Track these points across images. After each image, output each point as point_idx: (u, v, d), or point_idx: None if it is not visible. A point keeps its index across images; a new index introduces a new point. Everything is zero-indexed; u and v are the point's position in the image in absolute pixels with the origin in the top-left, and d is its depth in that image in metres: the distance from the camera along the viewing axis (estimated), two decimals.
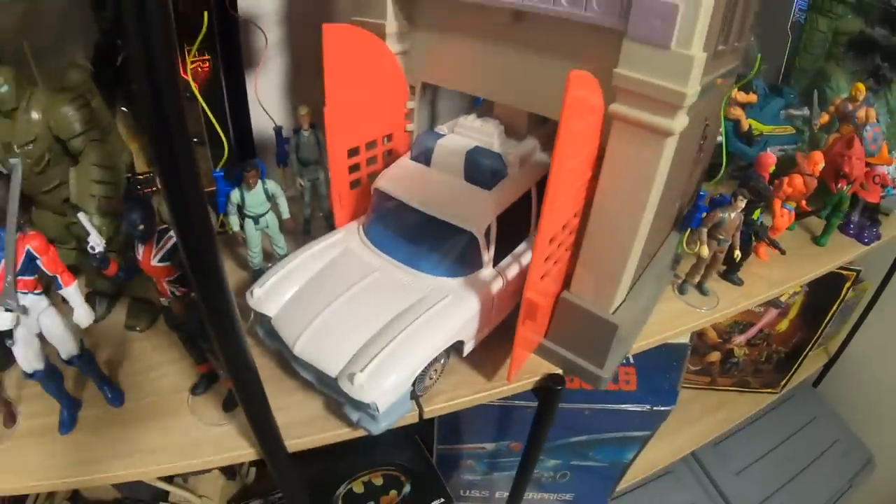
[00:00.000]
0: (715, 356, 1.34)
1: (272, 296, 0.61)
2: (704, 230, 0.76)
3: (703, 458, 1.41)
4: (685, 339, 1.03)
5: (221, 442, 0.56)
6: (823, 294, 1.24)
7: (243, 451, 0.55)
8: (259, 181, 0.69)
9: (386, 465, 0.96)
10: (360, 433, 0.56)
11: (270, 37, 0.82)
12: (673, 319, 0.78)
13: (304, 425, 0.57)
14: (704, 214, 0.76)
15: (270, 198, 0.72)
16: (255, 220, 0.72)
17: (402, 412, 0.56)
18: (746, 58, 1.22)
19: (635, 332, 0.71)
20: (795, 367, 1.38)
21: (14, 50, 0.67)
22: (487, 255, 0.60)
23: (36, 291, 0.50)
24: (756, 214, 0.86)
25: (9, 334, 0.50)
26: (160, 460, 0.54)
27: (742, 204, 0.75)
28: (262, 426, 0.51)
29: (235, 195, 0.70)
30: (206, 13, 0.60)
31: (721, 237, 0.77)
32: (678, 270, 0.85)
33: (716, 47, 0.55)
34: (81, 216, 0.56)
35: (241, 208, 0.71)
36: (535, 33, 0.55)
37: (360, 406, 0.53)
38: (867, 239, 1.06)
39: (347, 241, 0.66)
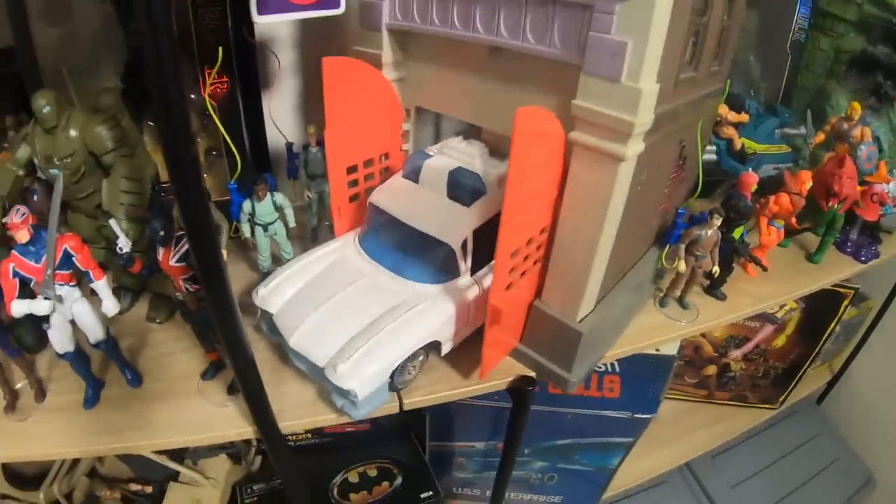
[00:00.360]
0: (711, 370, 1.34)
1: (274, 295, 0.67)
2: (682, 246, 0.79)
3: (698, 470, 1.41)
4: (673, 351, 1.06)
5: (225, 420, 0.63)
6: (821, 311, 1.24)
7: (243, 429, 0.62)
8: (268, 193, 0.76)
9: (381, 458, 1.01)
10: (344, 419, 0.63)
11: (284, 61, 0.89)
12: (652, 330, 0.82)
13: (297, 409, 0.64)
14: (682, 231, 0.80)
15: (278, 209, 0.78)
16: (265, 227, 0.78)
17: (380, 401, 0.61)
18: (746, 78, 1.26)
19: (607, 340, 0.75)
20: (794, 383, 1.38)
21: (53, 72, 0.76)
22: (465, 265, 0.66)
23: (70, 284, 0.58)
24: (738, 232, 0.89)
25: (46, 319, 0.57)
26: (171, 434, 0.61)
27: (718, 221, 0.78)
28: (259, 407, 0.58)
29: (247, 205, 0.76)
30: (220, 48, 0.68)
31: (698, 253, 0.80)
32: (660, 284, 0.88)
33: (677, 76, 0.59)
34: (112, 221, 0.63)
35: (251, 217, 0.77)
36: (510, 66, 0.61)
37: (343, 393, 0.59)
38: (864, 257, 1.06)
39: (343, 249, 0.73)
